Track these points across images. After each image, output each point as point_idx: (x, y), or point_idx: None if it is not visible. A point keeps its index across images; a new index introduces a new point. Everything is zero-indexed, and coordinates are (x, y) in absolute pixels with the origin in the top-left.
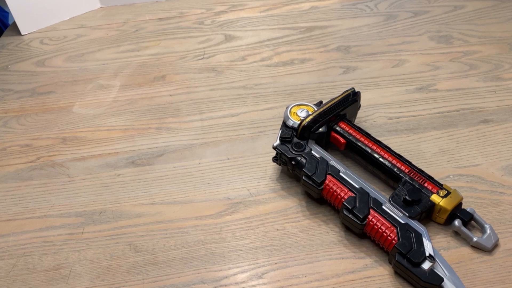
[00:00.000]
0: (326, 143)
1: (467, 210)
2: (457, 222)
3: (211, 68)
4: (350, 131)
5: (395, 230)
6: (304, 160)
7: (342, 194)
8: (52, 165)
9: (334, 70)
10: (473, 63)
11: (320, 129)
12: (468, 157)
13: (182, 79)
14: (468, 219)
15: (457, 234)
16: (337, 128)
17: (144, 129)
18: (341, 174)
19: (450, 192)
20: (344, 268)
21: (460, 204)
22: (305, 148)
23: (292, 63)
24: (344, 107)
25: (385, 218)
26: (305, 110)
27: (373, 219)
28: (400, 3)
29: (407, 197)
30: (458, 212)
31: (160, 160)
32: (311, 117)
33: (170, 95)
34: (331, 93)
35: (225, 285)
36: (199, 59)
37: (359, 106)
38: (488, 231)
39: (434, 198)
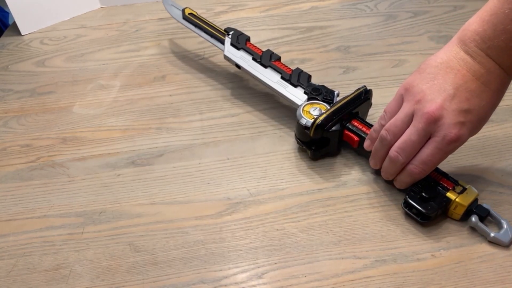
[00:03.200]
0: (339, 141)
1: (484, 206)
2: (474, 218)
3: (211, 68)
4: (364, 128)
5: None
6: None
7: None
8: (52, 165)
9: (334, 70)
10: None
11: (334, 128)
12: (468, 157)
13: (182, 79)
14: (485, 214)
15: (454, 234)
16: (350, 126)
17: (144, 129)
18: None
19: (466, 188)
20: (344, 268)
21: (476, 200)
22: None
23: (292, 63)
24: (357, 105)
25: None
26: (318, 109)
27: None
28: (400, 3)
29: (423, 194)
30: (474, 208)
31: (160, 160)
32: (324, 115)
33: (170, 95)
34: None
35: (225, 285)
36: (199, 59)
37: (371, 104)
38: (505, 226)
39: (450, 194)
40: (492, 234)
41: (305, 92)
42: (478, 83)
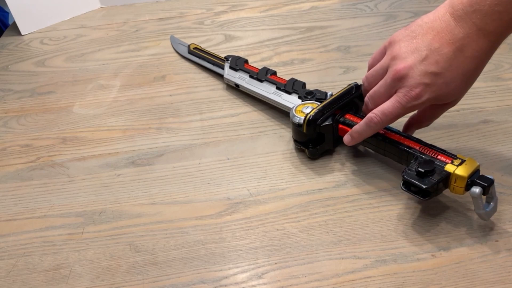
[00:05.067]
0: (336, 139)
1: (487, 176)
2: (477, 190)
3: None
4: (358, 121)
5: None
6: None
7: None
8: (52, 165)
9: (334, 70)
10: None
11: (326, 122)
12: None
13: (182, 79)
14: (489, 183)
15: (454, 234)
16: (343, 120)
17: (144, 129)
18: None
19: (464, 160)
20: (344, 268)
21: (477, 170)
22: None
23: (292, 63)
24: (348, 100)
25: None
26: (310, 107)
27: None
28: (400, 3)
29: (420, 169)
30: (477, 179)
31: (160, 160)
32: (315, 110)
33: (170, 95)
34: None
35: (225, 285)
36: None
37: None
38: (493, 204)
39: (449, 167)
40: (483, 210)
41: (299, 97)
42: (453, 47)
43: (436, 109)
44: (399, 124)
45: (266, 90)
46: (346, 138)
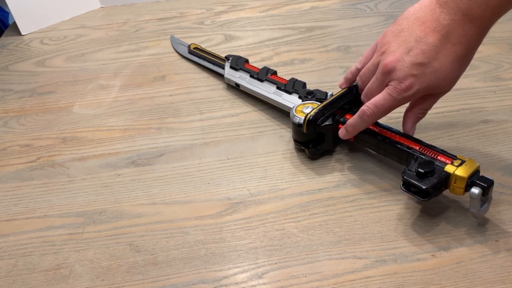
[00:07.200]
0: (336, 139)
1: (487, 177)
2: (477, 190)
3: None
4: None
5: None
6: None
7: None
8: (52, 165)
9: (334, 70)
10: (472, 63)
11: (326, 122)
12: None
13: (182, 79)
14: (489, 184)
15: (454, 234)
16: (343, 120)
17: (144, 129)
18: None
19: (464, 161)
20: (344, 268)
21: (477, 171)
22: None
23: (292, 63)
24: (348, 100)
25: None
26: (310, 107)
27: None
28: (400, 3)
29: (419, 169)
30: (477, 179)
31: (160, 160)
32: (315, 110)
33: (170, 95)
34: None
35: (225, 285)
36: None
37: None
38: (486, 203)
39: (449, 168)
40: (478, 210)
41: (299, 97)
42: (438, 35)
43: (429, 98)
44: (399, 124)
45: (267, 90)
46: (341, 132)
